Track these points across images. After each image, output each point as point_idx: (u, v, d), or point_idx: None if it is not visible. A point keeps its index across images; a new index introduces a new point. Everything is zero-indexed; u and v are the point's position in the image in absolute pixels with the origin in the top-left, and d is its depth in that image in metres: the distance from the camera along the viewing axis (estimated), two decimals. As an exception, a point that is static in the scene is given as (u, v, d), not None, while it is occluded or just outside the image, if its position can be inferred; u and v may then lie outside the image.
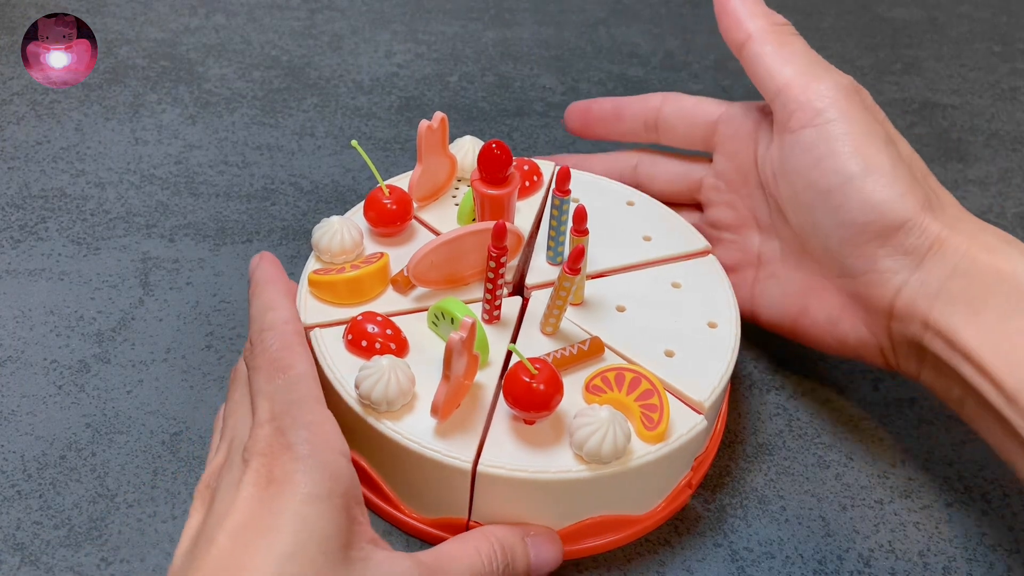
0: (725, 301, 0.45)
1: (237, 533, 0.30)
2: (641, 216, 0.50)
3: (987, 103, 0.75)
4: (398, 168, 0.63)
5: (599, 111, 0.53)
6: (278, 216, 0.58)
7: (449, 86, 0.72)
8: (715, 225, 0.50)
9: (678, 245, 0.48)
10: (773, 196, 0.46)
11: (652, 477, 0.40)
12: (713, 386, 0.41)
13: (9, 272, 0.52)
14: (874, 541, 0.43)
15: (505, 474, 0.37)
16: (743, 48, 0.46)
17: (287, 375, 0.36)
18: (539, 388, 0.37)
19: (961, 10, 0.89)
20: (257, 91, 0.70)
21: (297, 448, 0.33)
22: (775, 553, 0.42)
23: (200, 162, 0.62)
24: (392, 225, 0.47)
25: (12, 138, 0.63)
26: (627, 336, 0.43)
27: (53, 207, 0.57)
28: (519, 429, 0.38)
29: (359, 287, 0.43)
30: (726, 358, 0.42)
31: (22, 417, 0.45)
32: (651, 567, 0.41)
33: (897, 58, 0.82)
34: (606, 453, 0.36)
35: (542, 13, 0.83)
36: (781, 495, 0.44)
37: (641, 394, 0.39)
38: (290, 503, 0.31)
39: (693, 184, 0.51)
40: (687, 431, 0.39)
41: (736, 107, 0.49)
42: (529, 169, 0.51)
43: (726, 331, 0.44)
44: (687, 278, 0.46)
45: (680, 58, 0.79)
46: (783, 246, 0.47)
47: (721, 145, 0.49)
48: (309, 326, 0.42)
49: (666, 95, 0.51)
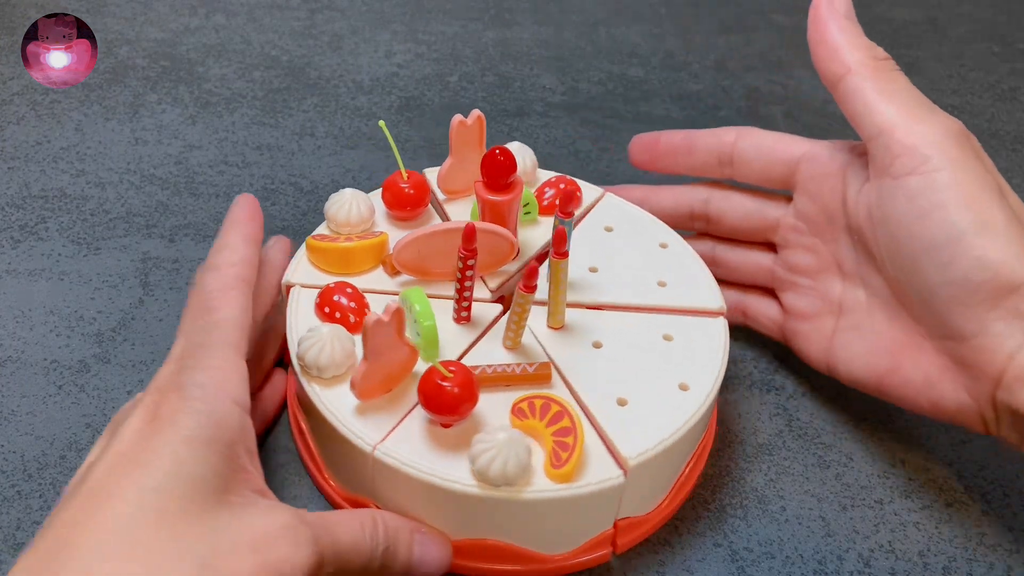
0: (710, 367, 0.42)
1: (113, 464, 0.31)
2: (667, 260, 0.47)
3: (987, 103, 0.75)
4: (397, 168, 0.63)
5: (668, 144, 0.50)
6: (278, 216, 0.58)
7: (449, 86, 0.72)
8: (792, 268, 0.47)
9: (690, 299, 0.45)
10: (864, 243, 0.43)
11: (554, 517, 0.37)
12: (646, 448, 0.38)
13: (9, 272, 0.52)
14: (874, 541, 0.43)
15: (397, 466, 0.37)
16: (840, 82, 0.42)
17: (209, 318, 0.37)
18: (452, 391, 0.36)
19: (961, 10, 0.89)
20: (257, 91, 0.70)
21: (188, 390, 0.33)
22: (775, 553, 0.42)
23: (200, 162, 0.62)
24: (405, 208, 0.47)
25: (12, 138, 0.63)
26: (588, 372, 0.41)
27: (53, 207, 0.57)
28: (434, 430, 0.38)
29: (349, 258, 0.44)
30: (676, 424, 0.39)
31: (22, 417, 0.45)
32: (651, 567, 0.41)
33: (897, 58, 0.81)
34: (494, 475, 0.35)
35: (542, 13, 0.83)
36: (781, 495, 0.44)
37: (558, 429, 0.37)
38: (168, 441, 0.31)
39: (768, 223, 0.48)
40: (600, 482, 0.37)
41: (821, 146, 0.46)
42: (567, 188, 0.49)
43: (694, 397, 0.40)
44: (682, 333, 0.43)
45: (680, 58, 0.79)
46: (871, 297, 0.44)
47: (803, 185, 0.46)
48: (292, 284, 0.44)
49: (741, 130, 0.48)
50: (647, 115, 0.71)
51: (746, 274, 0.50)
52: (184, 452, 0.31)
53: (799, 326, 0.47)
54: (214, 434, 0.32)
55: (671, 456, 0.39)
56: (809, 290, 0.46)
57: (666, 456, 0.39)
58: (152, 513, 0.29)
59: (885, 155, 0.41)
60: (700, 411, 0.40)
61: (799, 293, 0.47)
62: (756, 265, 0.49)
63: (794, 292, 0.47)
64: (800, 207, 0.46)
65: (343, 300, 0.42)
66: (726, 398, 0.49)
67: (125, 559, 0.28)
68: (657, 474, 0.40)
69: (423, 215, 0.49)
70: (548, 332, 0.43)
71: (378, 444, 0.37)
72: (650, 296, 0.45)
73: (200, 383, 0.34)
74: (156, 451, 0.31)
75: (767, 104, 0.74)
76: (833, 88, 0.43)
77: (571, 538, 0.39)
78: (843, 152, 0.45)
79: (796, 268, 0.47)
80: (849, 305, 0.45)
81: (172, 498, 0.30)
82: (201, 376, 0.34)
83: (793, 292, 0.47)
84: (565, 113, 0.71)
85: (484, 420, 0.38)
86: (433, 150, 0.65)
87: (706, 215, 0.50)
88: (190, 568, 0.29)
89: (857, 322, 0.44)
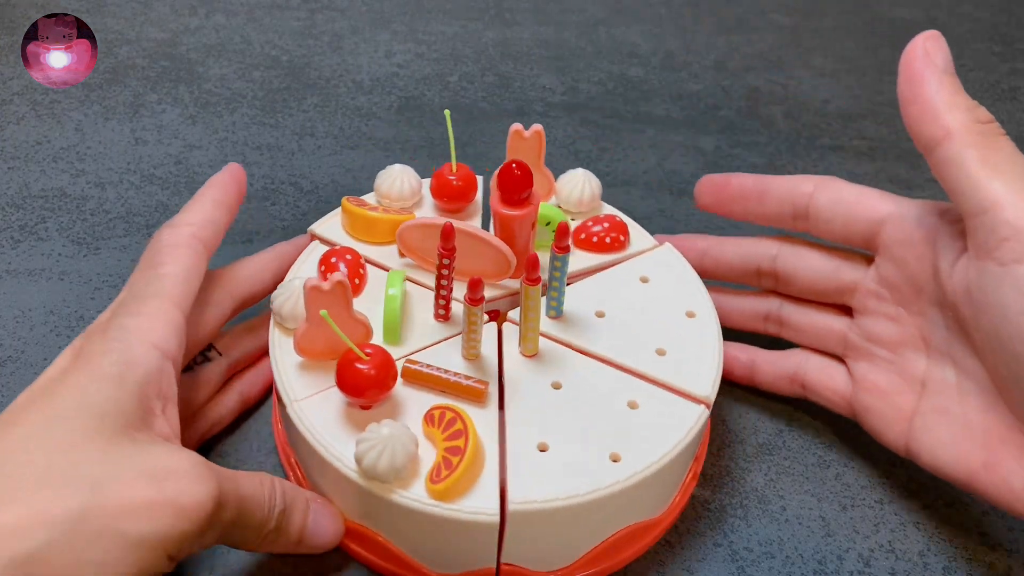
0: (652, 448, 0.38)
1: (28, 397, 0.33)
2: (681, 330, 0.43)
3: (987, 103, 0.75)
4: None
5: (739, 188, 0.46)
6: (278, 216, 0.58)
7: (449, 86, 0.72)
8: (869, 338, 0.42)
9: (679, 377, 0.41)
10: (961, 323, 0.38)
11: (429, 532, 0.36)
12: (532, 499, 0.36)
13: (9, 272, 0.52)
14: (874, 541, 0.43)
15: (300, 428, 0.38)
16: (937, 148, 0.37)
17: (153, 271, 0.38)
18: (365, 372, 0.37)
19: (961, 10, 0.89)
20: (257, 91, 0.70)
21: (110, 332, 0.34)
22: (775, 553, 0.42)
23: (200, 162, 0.62)
24: (449, 199, 0.47)
25: (12, 138, 0.63)
26: (527, 407, 0.39)
27: (53, 207, 0.57)
28: (352, 411, 0.38)
29: (371, 227, 0.46)
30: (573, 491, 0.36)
31: (22, 417, 0.45)
32: (651, 567, 0.41)
33: (897, 58, 0.82)
34: (367, 466, 0.35)
35: (542, 13, 0.83)
36: (781, 495, 0.44)
37: (451, 447, 0.36)
38: (79, 377, 0.32)
39: (845, 286, 0.43)
40: (471, 512, 0.35)
41: (909, 206, 0.41)
42: (611, 226, 0.47)
43: (613, 472, 0.37)
44: (650, 406, 0.40)
45: (680, 58, 0.79)
46: (962, 378, 0.39)
47: (888, 249, 0.41)
48: (316, 235, 0.47)
49: (820, 180, 0.43)
50: (647, 115, 0.71)
51: (814, 338, 0.46)
52: (91, 386, 0.32)
53: (873, 402, 0.42)
54: (124, 372, 0.33)
55: (560, 519, 0.36)
56: (888, 363, 0.42)
57: (554, 517, 0.36)
58: (52, 439, 0.30)
59: (990, 236, 0.36)
60: (607, 490, 0.36)
61: (876, 365, 0.42)
62: (827, 329, 0.45)
63: (870, 363, 0.43)
64: (883, 272, 0.42)
65: (340, 264, 0.43)
66: (726, 398, 0.49)
67: (18, 477, 0.29)
68: (548, 531, 0.37)
69: (469, 210, 0.48)
70: (518, 358, 0.41)
71: (297, 401, 0.38)
72: (638, 359, 0.41)
73: (124, 326, 0.35)
74: (66, 384, 0.32)
75: (767, 104, 0.74)
76: (928, 153, 0.37)
77: (449, 561, 0.38)
78: (933, 216, 0.40)
79: (875, 338, 0.42)
80: (935, 385, 0.40)
81: (74, 427, 0.31)
82: (128, 320, 0.35)
83: (868, 363, 0.43)
84: (565, 113, 0.71)
85: (404, 414, 0.38)
86: (433, 150, 0.65)
87: (774, 272, 0.46)
88: (81, 490, 0.29)
89: (944, 405, 0.39)
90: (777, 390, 0.47)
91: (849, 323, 0.44)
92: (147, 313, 0.36)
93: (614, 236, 0.47)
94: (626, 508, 0.38)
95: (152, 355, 0.34)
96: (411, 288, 0.44)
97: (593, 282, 0.45)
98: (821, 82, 0.77)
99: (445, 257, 0.40)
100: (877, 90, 0.77)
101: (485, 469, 0.37)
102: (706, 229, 0.60)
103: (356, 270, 0.44)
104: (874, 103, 0.75)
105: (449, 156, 0.47)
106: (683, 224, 0.60)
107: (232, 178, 0.44)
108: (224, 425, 0.45)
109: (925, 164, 0.43)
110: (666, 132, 0.69)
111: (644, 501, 0.39)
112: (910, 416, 0.41)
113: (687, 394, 0.40)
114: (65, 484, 0.29)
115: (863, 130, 0.72)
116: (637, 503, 0.39)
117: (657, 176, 0.65)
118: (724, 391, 0.49)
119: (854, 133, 0.71)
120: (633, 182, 0.64)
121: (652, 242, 0.48)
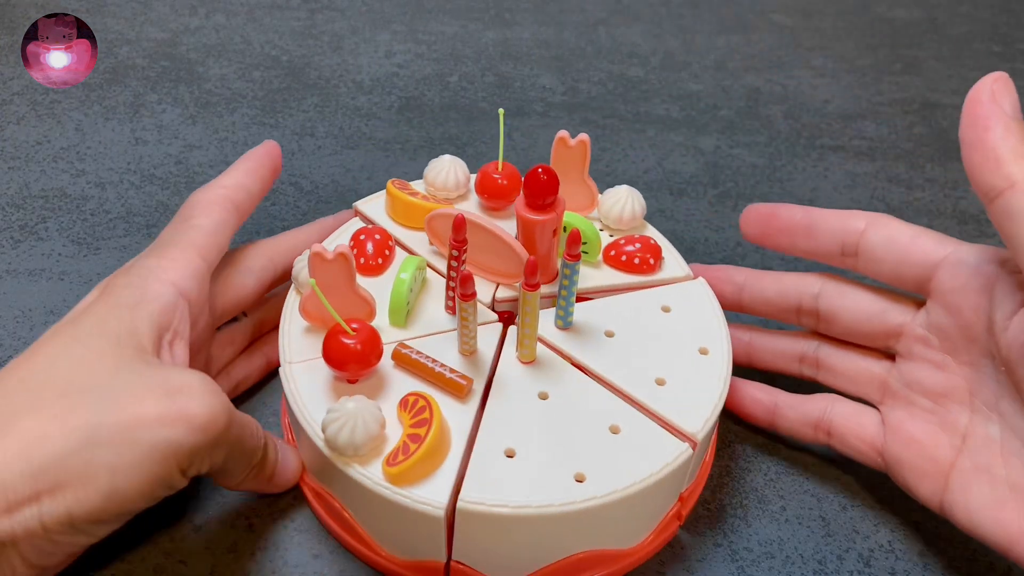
0: (618, 475, 0.37)
1: (59, 325, 0.36)
2: (687, 365, 0.42)
3: (987, 103, 0.75)
4: (398, 168, 0.63)
5: (787, 220, 0.43)
6: (278, 216, 0.58)
7: (449, 86, 0.72)
8: (911, 385, 0.40)
9: (671, 409, 0.39)
10: (1012, 378, 0.36)
11: (380, 512, 0.37)
12: (479, 500, 0.35)
13: (9, 272, 0.52)
14: (874, 541, 0.43)
15: (286, 387, 0.39)
16: (999, 198, 0.34)
17: (184, 223, 0.40)
18: (348, 346, 0.38)
19: (961, 10, 0.89)
20: (257, 91, 0.70)
21: (133, 271, 0.37)
22: (775, 553, 0.42)
23: (200, 162, 0.62)
24: (491, 196, 0.47)
25: (12, 138, 0.63)
26: (506, 411, 0.39)
27: (53, 207, 0.57)
28: (338, 385, 0.39)
29: (410, 212, 0.47)
30: (524, 501, 0.35)
31: (22, 417, 0.45)
32: (651, 567, 0.41)
33: (897, 58, 0.82)
34: (329, 437, 0.36)
35: (542, 13, 0.83)
36: (781, 495, 0.44)
37: (413, 434, 0.36)
38: (99, 307, 0.35)
39: (890, 329, 0.41)
40: (418, 501, 0.35)
41: (966, 251, 0.38)
42: (643, 247, 0.46)
43: (574, 491, 0.36)
44: (631, 430, 0.39)
45: (680, 58, 0.79)
46: (1009, 436, 0.37)
47: (941, 295, 0.39)
48: (359, 211, 0.48)
49: (873, 217, 0.41)
50: (647, 115, 0.71)
51: (850, 382, 0.43)
52: (109, 314, 0.35)
53: (907, 453, 0.40)
54: (139, 302, 0.36)
55: (509, 526, 0.35)
56: (927, 413, 0.40)
57: (503, 523, 0.35)
58: (71, 358, 0.33)
59: None
60: (560, 508, 0.35)
61: (914, 415, 0.40)
62: (867, 374, 0.43)
63: (908, 412, 0.40)
64: (934, 319, 0.39)
65: (368, 244, 0.45)
66: (726, 398, 0.49)
67: (40, 390, 0.32)
68: (499, 537, 0.36)
69: (511, 209, 0.48)
70: (514, 362, 0.41)
71: (290, 363, 0.40)
72: (634, 385, 0.40)
73: (145, 265, 0.38)
74: (88, 313, 0.35)
75: (767, 104, 0.74)
76: (988, 202, 0.35)
77: (400, 546, 0.38)
78: (992, 264, 0.38)
79: (916, 385, 0.40)
80: (977, 440, 0.38)
81: (91, 348, 0.33)
82: (150, 261, 0.38)
83: (906, 412, 0.40)
84: (565, 113, 0.71)
85: (386, 395, 0.39)
86: (433, 150, 0.65)
87: (816, 310, 0.43)
88: (98, 401, 0.31)
89: (986, 463, 0.37)
90: (799, 437, 0.45)
91: (890, 367, 0.42)
92: (169, 256, 0.38)
93: (644, 257, 0.45)
94: (586, 531, 0.37)
95: (167, 291, 0.37)
96: (433, 277, 0.45)
97: (612, 301, 0.44)
98: (821, 82, 0.77)
99: (455, 248, 0.40)
100: (877, 90, 0.77)
101: (447, 463, 0.37)
102: (707, 231, 0.60)
103: (382, 250, 0.45)
104: (874, 103, 0.75)
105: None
106: (682, 224, 0.60)
107: (267, 152, 0.46)
108: (250, 384, 0.47)
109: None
110: (666, 132, 0.69)
111: (608, 528, 0.38)
112: (947, 471, 0.38)
113: (675, 428, 0.39)
114: (82, 396, 0.31)
115: (863, 130, 0.72)
116: (599, 529, 0.37)
117: (657, 176, 0.65)
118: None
119: (854, 133, 0.71)
120: (633, 182, 0.64)
121: (686, 272, 0.47)
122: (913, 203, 0.63)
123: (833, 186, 0.65)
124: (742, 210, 0.46)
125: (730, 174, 0.65)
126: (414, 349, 0.40)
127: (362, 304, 0.40)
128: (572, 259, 0.39)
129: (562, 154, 0.46)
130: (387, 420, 0.37)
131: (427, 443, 0.36)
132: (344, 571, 0.40)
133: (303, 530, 0.41)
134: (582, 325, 0.43)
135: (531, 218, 0.41)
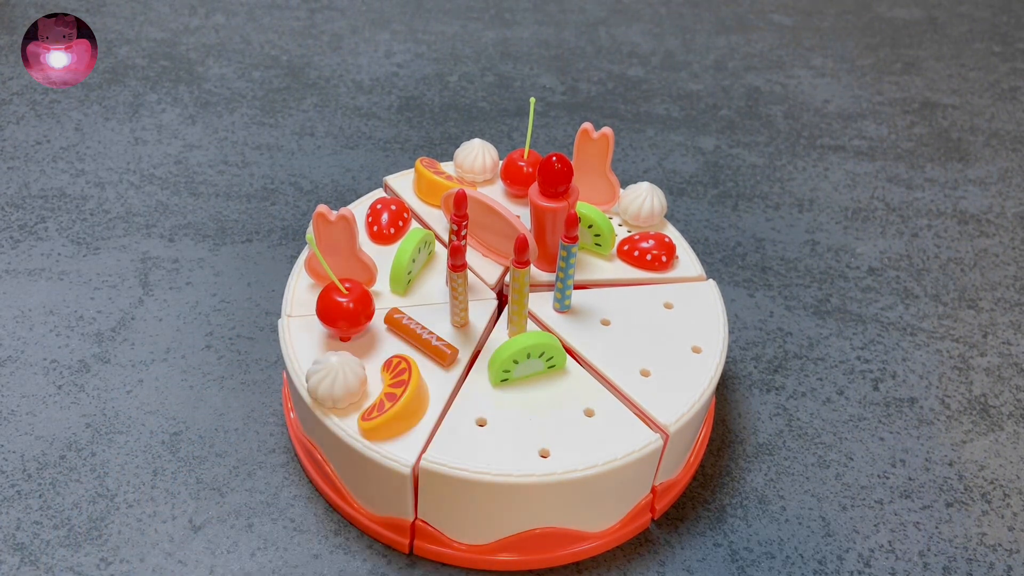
0: (586, 455, 0.37)
1: None
2: (677, 362, 0.42)
3: (987, 103, 0.75)
4: (398, 168, 0.63)
5: None
6: (278, 216, 0.58)
7: (449, 86, 0.72)
8: None
9: (649, 400, 0.40)
10: None
11: (352, 465, 0.38)
12: (442, 461, 0.36)
13: (9, 272, 0.52)
14: (874, 541, 0.43)
15: (281, 338, 0.41)
16: None
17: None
18: (338, 303, 0.39)
19: (961, 10, 0.89)
20: (257, 91, 0.70)
21: None
22: (775, 553, 0.42)
23: (200, 162, 0.62)
24: (514, 183, 0.48)
25: (12, 138, 0.63)
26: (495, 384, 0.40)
27: (53, 207, 0.57)
28: (332, 342, 0.41)
29: (432, 190, 0.48)
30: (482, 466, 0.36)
31: (22, 417, 0.45)
32: (651, 567, 0.41)
33: (897, 58, 0.82)
34: (311, 387, 0.38)
35: (542, 13, 0.83)
36: (781, 495, 0.44)
37: (390, 393, 0.37)
38: None
39: None
40: (387, 457, 0.36)
41: None
42: (657, 245, 0.46)
43: (541, 466, 0.37)
44: (604, 414, 0.39)
45: (680, 58, 0.79)
46: None
47: None
48: (388, 184, 0.50)
49: None
50: (647, 115, 0.71)
51: None
52: None
53: None
54: None
55: (468, 491, 0.37)
56: None
57: (462, 487, 0.36)
58: None
59: None
60: (518, 479, 0.36)
61: None
62: None
63: None
64: None
65: (384, 214, 0.46)
66: (726, 397, 0.49)
67: None
68: (459, 500, 0.37)
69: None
70: (504, 339, 0.41)
71: (289, 316, 0.42)
72: (617, 372, 0.41)
73: None
74: None
75: (767, 104, 0.74)
76: None
77: (372, 500, 0.40)
78: None
79: None
80: None
81: None
82: None
83: None
84: (565, 113, 0.71)
85: (374, 356, 0.40)
86: (433, 150, 0.65)
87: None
88: None
89: None
90: None
91: None
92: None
93: (656, 255, 0.46)
94: (547, 507, 0.38)
95: None
96: (441, 252, 0.46)
97: (616, 292, 0.45)
98: (821, 82, 0.77)
99: (455, 223, 0.40)
100: (877, 90, 0.77)
101: (421, 425, 0.38)
102: (706, 228, 0.60)
103: (396, 221, 0.46)
104: (874, 103, 0.75)
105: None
106: (682, 223, 0.60)
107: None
108: None
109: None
110: (666, 132, 0.69)
111: (569, 508, 0.38)
112: None
113: (649, 418, 0.39)
114: None
115: (863, 130, 0.71)
116: (560, 507, 0.38)
117: (657, 175, 0.65)
118: (724, 391, 0.49)
119: (854, 133, 0.71)
120: (633, 181, 0.64)
121: (699, 273, 0.47)
122: (913, 203, 0.63)
123: (833, 186, 0.65)
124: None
125: (730, 174, 0.65)
126: (406, 315, 0.41)
127: (363, 268, 0.41)
128: (569, 241, 0.40)
129: (585, 147, 0.46)
130: (369, 379, 0.39)
131: (401, 402, 0.37)
132: (344, 571, 0.40)
133: (303, 530, 0.41)
134: (580, 311, 0.44)
135: (543, 205, 0.42)
